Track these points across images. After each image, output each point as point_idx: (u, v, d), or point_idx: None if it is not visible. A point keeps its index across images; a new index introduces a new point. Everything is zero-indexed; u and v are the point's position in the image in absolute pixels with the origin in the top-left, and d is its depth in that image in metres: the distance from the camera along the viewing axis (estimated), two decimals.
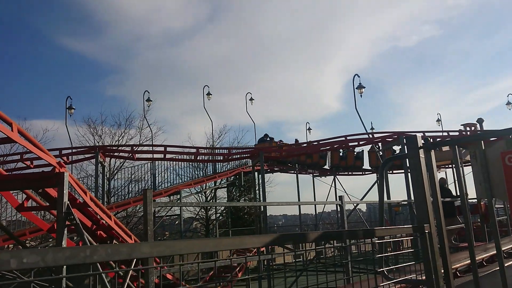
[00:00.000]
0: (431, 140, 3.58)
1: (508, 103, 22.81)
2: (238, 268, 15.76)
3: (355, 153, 20.74)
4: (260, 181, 14.31)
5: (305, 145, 15.01)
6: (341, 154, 20.57)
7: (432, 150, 3.57)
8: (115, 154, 13.99)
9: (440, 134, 17.08)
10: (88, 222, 7.52)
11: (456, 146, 3.47)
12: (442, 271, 3.42)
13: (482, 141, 3.34)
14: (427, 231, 3.40)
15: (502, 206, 15.60)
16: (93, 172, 21.62)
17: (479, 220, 14.61)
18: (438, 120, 25.04)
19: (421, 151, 3.58)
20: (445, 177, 17.05)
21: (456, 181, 3.28)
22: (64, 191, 6.15)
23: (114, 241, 8.12)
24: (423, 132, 14.67)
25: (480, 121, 20.17)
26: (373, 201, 13.11)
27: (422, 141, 3.61)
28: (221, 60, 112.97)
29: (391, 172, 20.83)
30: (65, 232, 6.19)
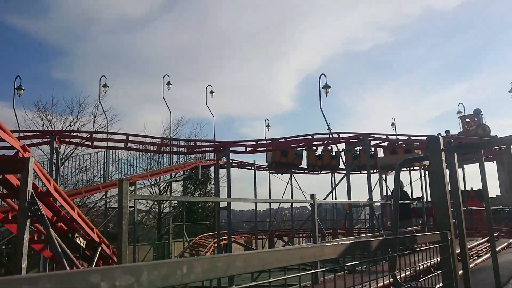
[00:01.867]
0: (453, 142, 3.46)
1: (459, 112, 23.94)
2: None
3: (333, 153, 20.98)
4: (226, 176, 13.97)
5: (270, 141, 14.82)
6: (317, 153, 20.70)
7: (455, 153, 3.45)
8: (72, 140, 13.05)
9: (394, 137, 17.60)
10: (48, 213, 6.85)
11: (482, 151, 3.37)
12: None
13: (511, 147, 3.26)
14: (449, 238, 3.27)
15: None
16: (40, 159, 20.29)
17: (432, 223, 15.24)
18: (393, 124, 25.81)
19: (443, 154, 3.46)
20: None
21: (482, 186, 3.22)
22: (29, 179, 5.51)
23: (76, 234, 7.48)
24: (386, 135, 14.96)
25: (477, 111, 21.23)
26: (341, 201, 13.16)
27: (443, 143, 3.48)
28: (179, 51, 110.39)
29: (359, 172, 21.22)
30: (28, 224, 5.55)
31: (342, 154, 15.09)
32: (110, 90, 21.90)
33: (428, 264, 3.30)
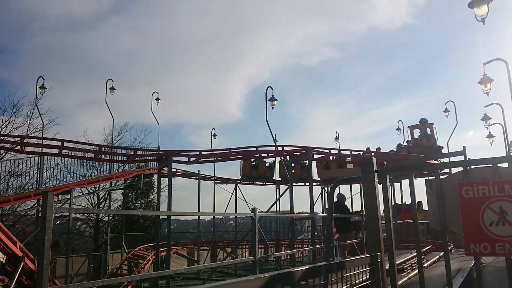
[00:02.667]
0: (385, 164, 3.49)
1: (398, 128, 25.04)
2: None
3: (267, 164, 21.08)
4: (167, 186, 13.55)
5: (214, 152, 14.63)
6: (253, 163, 20.68)
7: (387, 175, 3.49)
8: (1, 145, 12.09)
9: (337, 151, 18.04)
10: None
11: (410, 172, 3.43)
12: None
13: (439, 170, 3.32)
14: (379, 260, 3.27)
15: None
16: None
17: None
18: (336, 138, 26.49)
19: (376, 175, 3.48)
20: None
21: (411, 203, 3.28)
22: None
23: None
24: (329, 149, 15.24)
25: (423, 121, 21.66)
26: (283, 215, 13.18)
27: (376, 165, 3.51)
28: (126, 54, 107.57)
29: (303, 184, 21.47)
30: None
31: (279, 165, 15.24)
32: (50, 91, 20.84)
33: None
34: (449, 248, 16.20)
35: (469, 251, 3.08)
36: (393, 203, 19.95)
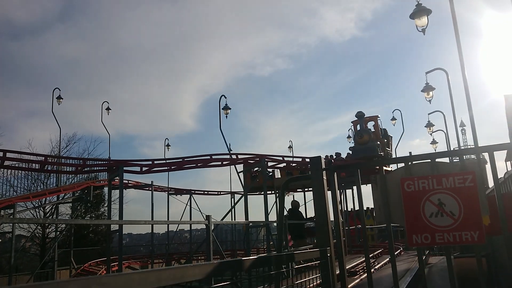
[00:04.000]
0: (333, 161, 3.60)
1: (349, 136, 25.82)
2: None
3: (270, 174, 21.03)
4: (119, 198, 13.15)
5: (167, 161, 14.40)
6: (253, 175, 20.51)
7: (335, 173, 3.59)
8: None
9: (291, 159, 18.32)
10: None
11: (358, 170, 3.55)
12: None
13: (384, 167, 3.47)
14: (328, 255, 3.35)
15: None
16: None
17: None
18: (290, 147, 26.93)
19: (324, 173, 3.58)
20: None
21: (358, 205, 3.38)
22: None
23: None
24: (282, 156, 15.44)
25: (359, 115, 19.75)
26: (238, 222, 13.12)
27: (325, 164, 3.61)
28: (72, 63, 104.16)
29: (258, 193, 21.45)
30: None
31: (241, 174, 15.23)
32: None
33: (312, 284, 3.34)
34: (399, 251, 16.83)
35: (412, 242, 3.22)
36: (345, 209, 20.44)
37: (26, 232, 23.38)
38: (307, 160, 16.20)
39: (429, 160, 3.29)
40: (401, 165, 3.44)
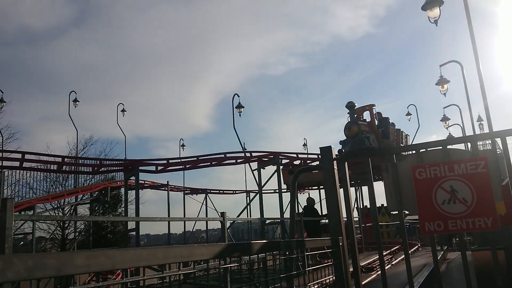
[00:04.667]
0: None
1: None
2: None
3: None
4: (134, 196, 13.31)
5: (182, 160, 14.51)
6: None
7: (346, 162, 3.59)
8: None
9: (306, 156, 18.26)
10: None
11: (369, 159, 3.54)
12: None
13: (394, 155, 3.44)
14: (340, 244, 3.35)
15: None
16: None
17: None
18: (304, 145, 26.86)
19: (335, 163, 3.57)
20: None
21: (369, 194, 3.34)
22: None
23: None
24: (296, 153, 15.42)
25: (349, 105, 17.54)
26: (252, 218, 13.17)
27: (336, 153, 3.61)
28: (87, 68, 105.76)
29: (273, 191, 21.48)
30: None
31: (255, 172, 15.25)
32: (7, 105, 20.14)
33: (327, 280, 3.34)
34: (416, 247, 16.65)
35: (424, 230, 3.20)
36: (361, 206, 20.27)
37: (46, 233, 23.79)
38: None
39: (441, 147, 3.27)
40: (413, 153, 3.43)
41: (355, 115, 17.25)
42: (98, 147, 57.69)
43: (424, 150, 3.32)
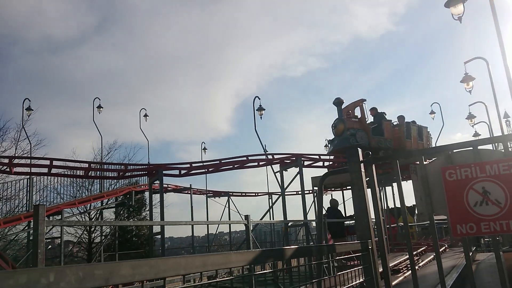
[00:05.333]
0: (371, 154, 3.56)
1: None
2: None
3: None
4: (158, 200, 13.49)
5: (204, 164, 14.63)
6: None
7: (373, 165, 3.56)
8: None
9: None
10: None
11: (397, 161, 3.50)
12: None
13: (423, 156, 3.40)
14: (370, 247, 3.32)
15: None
16: None
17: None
18: (326, 145, 26.64)
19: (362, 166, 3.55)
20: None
21: (398, 196, 3.30)
22: None
23: None
24: (319, 155, 15.35)
25: (336, 102, 15.87)
26: (276, 221, 13.17)
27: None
28: (109, 74, 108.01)
29: (296, 192, 21.44)
30: None
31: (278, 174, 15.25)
32: (34, 113, 20.70)
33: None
34: (443, 248, 16.32)
35: (456, 233, 3.14)
36: (385, 207, 20.00)
37: (73, 237, 24.35)
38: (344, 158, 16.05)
39: (471, 148, 3.21)
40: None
41: (349, 112, 16.55)
42: (122, 152, 58.59)
43: (454, 151, 3.26)
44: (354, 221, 13.45)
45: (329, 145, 16.73)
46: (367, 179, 3.62)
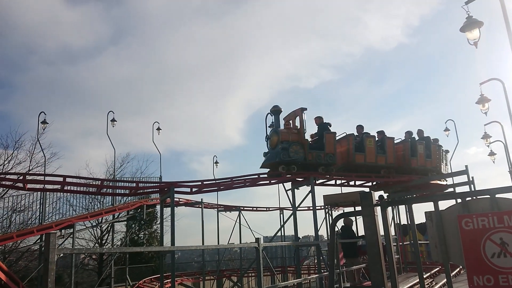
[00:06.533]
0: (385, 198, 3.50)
1: None
2: None
3: None
4: (170, 217, 13.48)
5: (215, 181, 14.62)
6: None
7: (388, 208, 3.49)
8: (2, 182, 12.13)
9: None
10: None
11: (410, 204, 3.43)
12: None
13: (438, 202, 3.32)
14: None
15: (394, 244, 16.87)
16: None
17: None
18: None
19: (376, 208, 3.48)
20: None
21: (412, 234, 3.24)
22: None
23: None
24: (330, 174, 15.21)
25: (273, 110, 14.74)
26: (286, 243, 13.04)
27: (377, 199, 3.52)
28: (123, 84, 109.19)
29: (307, 208, 21.30)
30: None
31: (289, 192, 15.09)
32: (50, 126, 20.96)
33: None
34: (458, 269, 15.97)
35: (473, 285, 3.05)
36: (397, 222, 19.70)
37: (84, 243, 24.52)
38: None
39: (488, 196, 3.13)
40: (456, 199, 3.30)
41: (289, 122, 15.04)
42: (134, 165, 59.08)
43: (470, 198, 3.19)
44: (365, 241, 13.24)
45: (264, 157, 14.78)
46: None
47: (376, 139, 16.37)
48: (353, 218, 13.78)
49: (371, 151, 15.77)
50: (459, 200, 3.32)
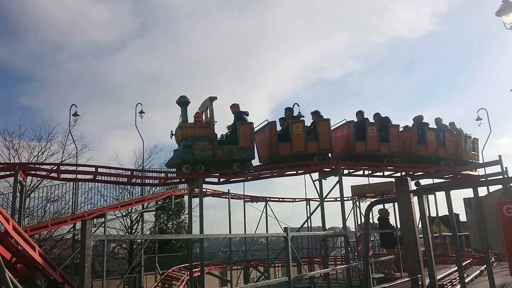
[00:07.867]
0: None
1: None
2: None
3: None
4: (198, 207, 13.67)
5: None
6: None
7: (424, 195, 3.43)
8: (38, 172, 12.55)
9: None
10: (7, 254, 6.46)
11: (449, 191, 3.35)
12: None
13: (478, 188, 3.23)
14: (420, 283, 3.20)
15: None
16: (6, 190, 19.50)
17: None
18: None
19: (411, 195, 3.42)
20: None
21: (451, 224, 3.17)
22: None
23: (37, 275, 7.07)
24: (358, 164, 15.04)
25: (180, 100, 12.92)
26: (315, 233, 12.99)
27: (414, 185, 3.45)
28: (150, 77, 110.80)
29: (334, 199, 21.23)
30: None
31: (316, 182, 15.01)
32: (81, 118, 21.48)
33: None
34: (490, 261, 15.58)
35: None
36: (428, 215, 19.36)
37: (115, 232, 25.18)
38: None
39: None
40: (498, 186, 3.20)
41: (198, 114, 13.23)
42: (162, 156, 59.92)
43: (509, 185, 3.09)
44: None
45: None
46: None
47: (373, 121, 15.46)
48: (390, 210, 13.60)
49: (372, 139, 14.88)
50: (499, 187, 3.23)
